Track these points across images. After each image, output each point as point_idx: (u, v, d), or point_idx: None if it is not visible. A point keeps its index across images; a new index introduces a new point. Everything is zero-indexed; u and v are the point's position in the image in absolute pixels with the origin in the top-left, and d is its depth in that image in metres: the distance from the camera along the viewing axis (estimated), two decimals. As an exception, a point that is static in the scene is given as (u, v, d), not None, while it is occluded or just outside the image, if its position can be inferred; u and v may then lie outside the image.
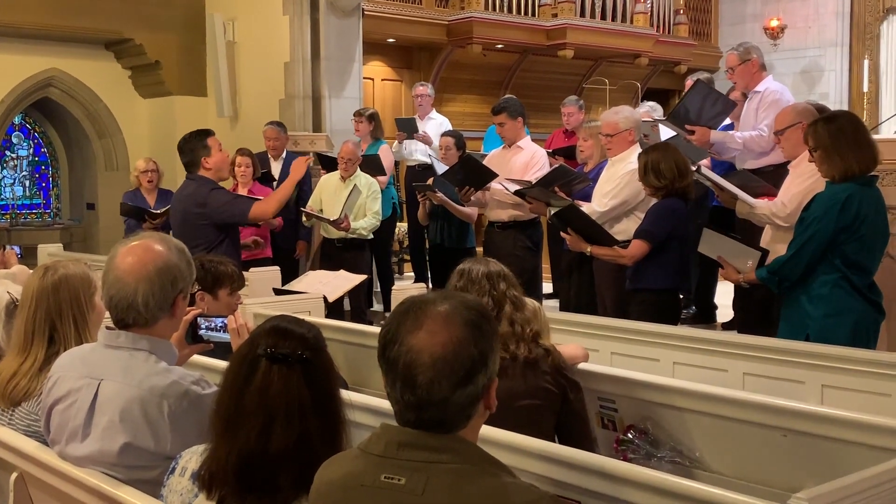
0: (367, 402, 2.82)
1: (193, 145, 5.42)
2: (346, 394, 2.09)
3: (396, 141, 8.91)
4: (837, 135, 3.96)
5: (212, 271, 3.84)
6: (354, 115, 8.50)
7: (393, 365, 1.71)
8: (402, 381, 1.69)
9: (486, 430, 1.86)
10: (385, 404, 2.80)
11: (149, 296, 2.42)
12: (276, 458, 1.95)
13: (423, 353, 1.67)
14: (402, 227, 9.61)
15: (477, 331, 1.71)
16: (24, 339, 2.79)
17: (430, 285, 7.67)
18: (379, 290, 8.39)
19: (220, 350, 3.04)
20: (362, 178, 7.38)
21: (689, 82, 7.72)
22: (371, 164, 7.73)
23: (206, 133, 5.50)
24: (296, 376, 1.99)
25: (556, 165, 6.43)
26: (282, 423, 1.96)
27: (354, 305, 7.25)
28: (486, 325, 1.74)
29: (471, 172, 6.51)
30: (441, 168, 7.26)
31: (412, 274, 9.24)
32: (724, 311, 7.01)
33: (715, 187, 5.03)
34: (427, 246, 8.13)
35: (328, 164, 8.01)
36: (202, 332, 2.89)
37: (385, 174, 8.01)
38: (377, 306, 8.36)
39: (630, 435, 3.17)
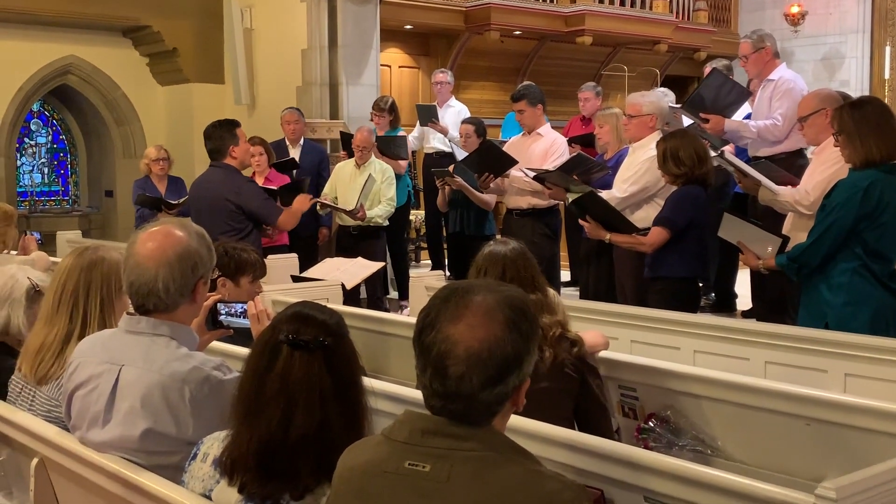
0: (388, 389, 2.81)
1: (222, 133, 5.57)
2: (367, 380, 2.08)
3: (414, 131, 8.90)
4: (861, 120, 3.92)
5: (235, 258, 3.83)
6: (374, 108, 8.43)
7: (426, 351, 1.69)
8: (434, 368, 1.67)
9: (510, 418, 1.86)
10: (406, 391, 2.80)
11: (169, 281, 2.41)
12: (297, 445, 1.95)
13: (459, 345, 1.65)
14: (418, 214, 9.59)
15: (516, 331, 1.68)
16: (50, 310, 2.81)
17: (448, 273, 7.66)
18: (394, 277, 8.38)
19: (239, 336, 3.03)
20: (376, 165, 7.39)
21: (707, 69, 7.66)
22: (396, 145, 7.74)
23: (235, 123, 5.67)
24: (317, 362, 1.98)
25: (575, 154, 6.40)
26: (303, 410, 1.96)
27: (370, 293, 7.25)
28: (526, 326, 1.71)
29: (490, 159, 6.48)
30: (461, 155, 7.23)
31: (429, 262, 9.23)
32: (744, 300, 6.97)
33: (738, 173, 4.99)
34: (444, 233, 8.11)
35: (350, 142, 7.99)
36: (222, 317, 2.89)
37: (407, 158, 8.02)
38: (393, 293, 8.36)
39: (651, 423, 3.15)
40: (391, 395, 2.78)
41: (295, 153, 8.06)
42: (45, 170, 11.71)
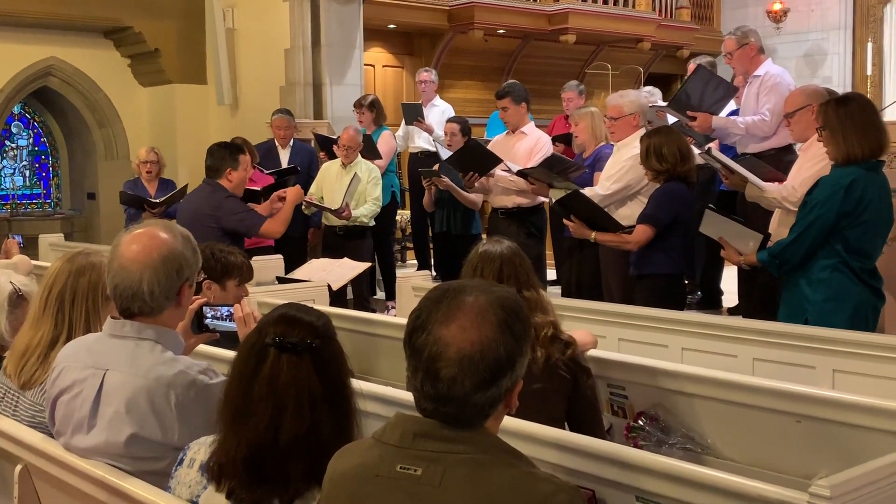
0: (378, 391, 2.79)
1: (224, 154, 5.54)
2: (356, 383, 2.06)
3: (399, 130, 8.87)
4: (845, 117, 3.92)
5: (222, 261, 3.79)
6: (355, 106, 8.41)
7: (418, 353, 1.66)
8: (425, 371, 1.65)
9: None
10: (395, 393, 2.78)
11: (154, 284, 2.38)
12: (286, 449, 1.93)
13: (451, 347, 1.63)
14: (404, 214, 9.57)
15: (508, 333, 1.66)
16: (36, 312, 2.77)
17: (434, 273, 7.64)
18: (380, 277, 8.35)
19: (225, 339, 3.00)
20: (362, 165, 7.36)
21: (691, 66, 7.67)
22: (365, 147, 7.70)
23: (240, 149, 5.66)
24: (305, 365, 1.96)
25: (550, 154, 6.38)
26: (291, 413, 1.93)
27: (357, 293, 7.22)
28: (518, 327, 1.69)
29: (475, 158, 6.46)
30: (446, 154, 7.21)
31: (415, 262, 9.21)
32: (730, 297, 6.98)
33: (724, 170, 5.00)
34: (430, 233, 8.09)
35: (326, 144, 7.95)
36: (208, 321, 2.85)
37: (381, 158, 7.96)
38: (380, 294, 8.33)
39: (641, 422, 3.14)
40: (381, 396, 2.76)
41: (284, 155, 8.02)
42: (27, 172, 11.62)
